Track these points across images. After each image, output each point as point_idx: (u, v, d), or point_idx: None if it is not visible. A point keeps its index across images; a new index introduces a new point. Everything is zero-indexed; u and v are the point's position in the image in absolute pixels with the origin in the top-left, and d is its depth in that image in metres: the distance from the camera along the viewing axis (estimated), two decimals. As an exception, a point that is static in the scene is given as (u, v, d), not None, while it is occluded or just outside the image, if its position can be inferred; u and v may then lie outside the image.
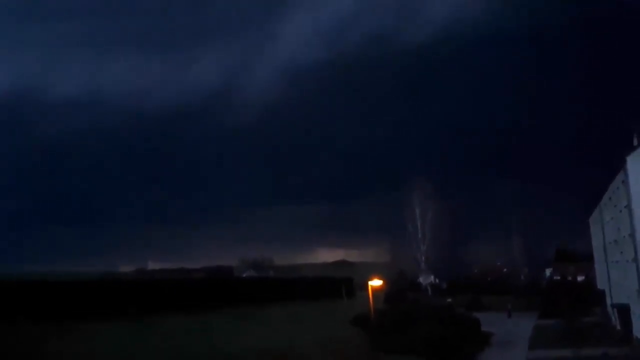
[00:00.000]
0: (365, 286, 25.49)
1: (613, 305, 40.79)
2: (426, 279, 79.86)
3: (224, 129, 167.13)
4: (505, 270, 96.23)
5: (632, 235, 27.37)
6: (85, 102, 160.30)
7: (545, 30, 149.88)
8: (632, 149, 28.64)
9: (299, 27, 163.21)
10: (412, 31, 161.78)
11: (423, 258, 74.08)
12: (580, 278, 77.94)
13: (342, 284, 56.28)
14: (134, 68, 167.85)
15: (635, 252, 26.94)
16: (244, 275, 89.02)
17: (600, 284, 52.09)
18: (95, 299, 26.16)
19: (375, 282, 24.67)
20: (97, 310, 25.19)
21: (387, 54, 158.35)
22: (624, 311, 34.68)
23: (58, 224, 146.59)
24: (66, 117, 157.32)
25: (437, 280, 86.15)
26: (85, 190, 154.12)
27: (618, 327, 38.20)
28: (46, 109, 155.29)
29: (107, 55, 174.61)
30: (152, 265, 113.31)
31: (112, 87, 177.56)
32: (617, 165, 29.81)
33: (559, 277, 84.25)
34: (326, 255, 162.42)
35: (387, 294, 50.76)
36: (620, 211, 31.64)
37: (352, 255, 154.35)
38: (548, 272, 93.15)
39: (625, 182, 28.19)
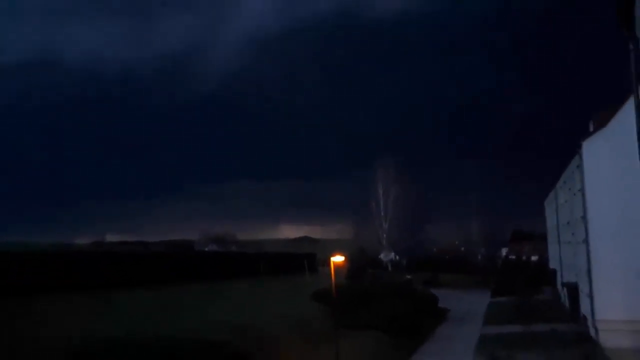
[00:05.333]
0: (327, 262, 25.70)
1: (563, 284, 42.58)
2: (387, 256, 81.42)
3: (186, 98, 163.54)
4: (462, 249, 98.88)
5: (584, 218, 28.51)
6: (36, 67, 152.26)
7: (507, 13, 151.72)
8: (587, 134, 29.63)
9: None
10: (380, 4, 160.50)
11: (384, 235, 75.37)
12: (534, 258, 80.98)
13: (304, 259, 56.69)
14: (90, 30, 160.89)
15: (586, 234, 28.10)
16: (206, 250, 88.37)
17: (552, 263, 54.26)
18: (48, 271, 25.23)
19: (338, 258, 24.88)
20: (50, 284, 24.40)
21: (351, 29, 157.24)
22: (572, 290, 36.25)
23: (9, 194, 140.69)
24: (17, 83, 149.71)
25: (397, 257, 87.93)
26: (38, 158, 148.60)
27: (567, 305, 39.97)
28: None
29: (63, 18, 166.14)
30: (110, 238, 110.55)
31: (68, 50, 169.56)
32: (573, 150, 30.81)
33: (514, 257, 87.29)
34: (289, 231, 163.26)
35: (349, 270, 51.47)
36: (574, 194, 32.83)
37: (315, 231, 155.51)
38: (504, 251, 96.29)
39: (580, 167, 29.19)
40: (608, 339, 26.34)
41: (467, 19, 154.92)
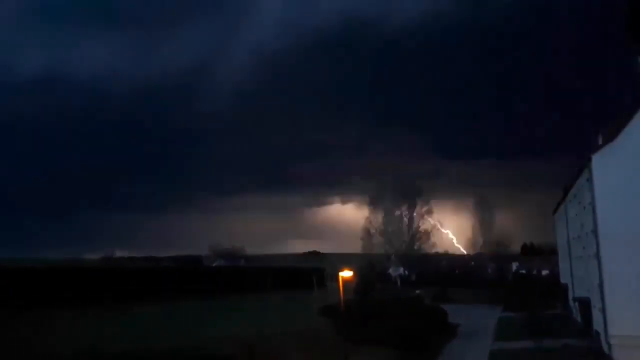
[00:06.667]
0: (335, 277, 25.62)
1: (575, 299, 42.03)
2: (396, 271, 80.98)
3: (194, 114, 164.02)
4: (472, 263, 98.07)
5: (595, 232, 28.22)
6: (47, 83, 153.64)
7: (517, 23, 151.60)
8: (597, 148, 29.46)
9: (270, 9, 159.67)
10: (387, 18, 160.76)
11: (393, 250, 74.97)
12: (544, 272, 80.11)
13: (313, 274, 56.49)
14: (101, 46, 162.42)
15: (597, 248, 27.79)
16: (214, 265, 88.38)
17: (563, 278, 53.62)
18: (62, 286, 25.59)
19: (346, 273, 24.80)
20: (64, 298, 24.67)
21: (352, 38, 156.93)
22: (584, 304, 35.76)
23: (19, 211, 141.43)
24: (28, 98, 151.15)
25: (406, 272, 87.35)
26: (49, 175, 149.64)
27: (579, 320, 39.41)
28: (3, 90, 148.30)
29: (74, 32, 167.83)
30: (119, 253, 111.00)
31: (79, 66, 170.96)
32: (582, 164, 30.61)
33: (524, 271, 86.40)
34: (298, 246, 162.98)
35: (357, 285, 51.19)
36: (584, 208, 32.55)
37: (323, 246, 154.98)
38: (514, 266, 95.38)
39: (589, 180, 28.98)
40: (622, 355, 25.91)
41: (473, 30, 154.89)
